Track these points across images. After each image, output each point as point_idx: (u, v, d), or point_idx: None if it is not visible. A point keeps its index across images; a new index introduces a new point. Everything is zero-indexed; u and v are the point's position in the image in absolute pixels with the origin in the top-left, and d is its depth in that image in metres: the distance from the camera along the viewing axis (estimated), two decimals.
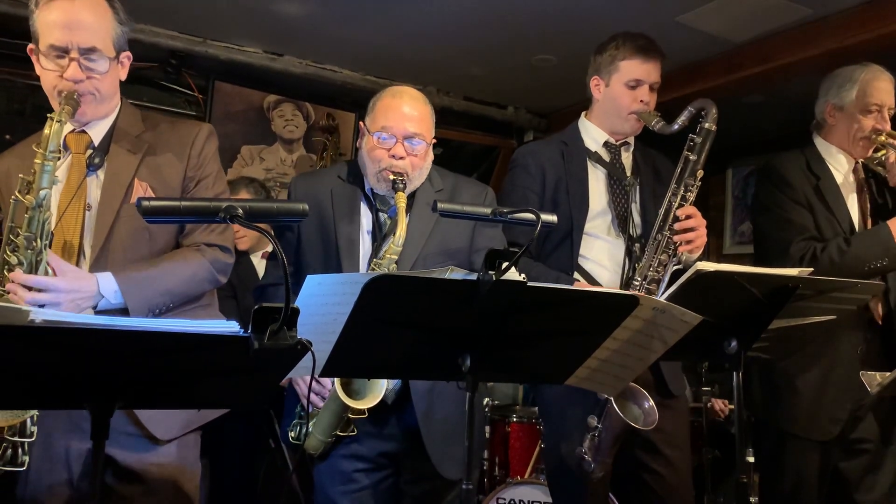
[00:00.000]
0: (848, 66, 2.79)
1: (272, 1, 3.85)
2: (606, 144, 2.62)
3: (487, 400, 3.98)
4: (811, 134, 2.87)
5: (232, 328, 1.22)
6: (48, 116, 1.80)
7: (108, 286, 1.84)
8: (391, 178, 2.14)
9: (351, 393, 2.06)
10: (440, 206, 1.77)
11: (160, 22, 4.10)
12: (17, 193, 1.79)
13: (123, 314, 1.85)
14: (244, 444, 3.64)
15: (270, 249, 3.32)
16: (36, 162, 1.77)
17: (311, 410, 2.18)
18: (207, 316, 2.08)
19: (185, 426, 1.98)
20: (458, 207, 1.82)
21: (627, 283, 2.45)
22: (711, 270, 1.71)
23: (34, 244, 1.77)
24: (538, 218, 1.64)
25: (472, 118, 5.26)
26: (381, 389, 2.07)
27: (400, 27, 4.06)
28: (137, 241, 1.95)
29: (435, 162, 2.37)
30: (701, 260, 2.38)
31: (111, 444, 1.44)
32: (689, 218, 2.39)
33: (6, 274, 1.78)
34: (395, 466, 2.27)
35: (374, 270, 2.12)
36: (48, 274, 1.79)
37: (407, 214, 2.21)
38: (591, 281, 2.48)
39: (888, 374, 2.23)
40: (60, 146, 1.80)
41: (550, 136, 2.83)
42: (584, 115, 2.70)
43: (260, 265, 3.78)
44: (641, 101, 2.54)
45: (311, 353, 1.26)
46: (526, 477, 3.60)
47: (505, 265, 1.39)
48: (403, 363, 1.63)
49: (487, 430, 3.86)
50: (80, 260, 1.90)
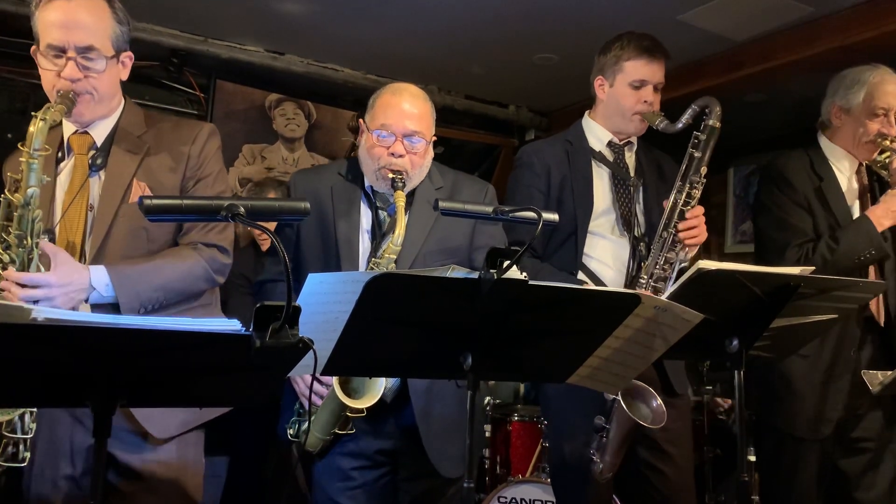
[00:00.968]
0: (856, 66, 2.77)
1: (274, 0, 3.85)
2: (610, 144, 2.62)
3: (489, 399, 3.99)
4: (816, 133, 2.86)
5: (234, 326, 1.22)
6: (32, 114, 1.80)
7: (99, 279, 1.85)
8: (390, 176, 2.13)
9: (350, 392, 2.06)
10: (441, 204, 1.77)
11: (162, 20, 4.10)
12: (6, 192, 1.81)
13: (116, 308, 1.86)
14: (262, 438, 3.63)
15: None
16: (21, 160, 1.78)
17: (309, 409, 2.18)
18: (207, 315, 2.08)
19: (182, 425, 1.99)
20: (459, 206, 1.81)
21: (632, 282, 2.46)
22: (713, 269, 1.71)
23: (25, 242, 1.78)
24: (539, 216, 1.64)
25: (473, 117, 5.26)
26: (379, 388, 2.07)
27: (401, 26, 4.06)
28: (135, 240, 1.96)
29: (435, 160, 2.36)
30: (700, 257, 2.39)
31: (111, 442, 1.44)
32: (695, 217, 2.41)
33: (0, 272, 1.78)
34: (393, 464, 2.27)
35: (372, 269, 2.12)
36: (40, 270, 1.80)
37: (406, 212, 2.21)
38: (595, 280, 2.48)
39: (889, 372, 2.24)
40: (45, 144, 1.80)
41: (554, 135, 2.83)
42: (587, 114, 2.70)
43: None
44: (645, 101, 2.54)
45: (312, 351, 1.26)
46: (527, 475, 3.61)
47: (506, 263, 1.39)
48: (405, 361, 1.63)
49: (489, 428, 3.87)
50: (81, 260, 1.90)
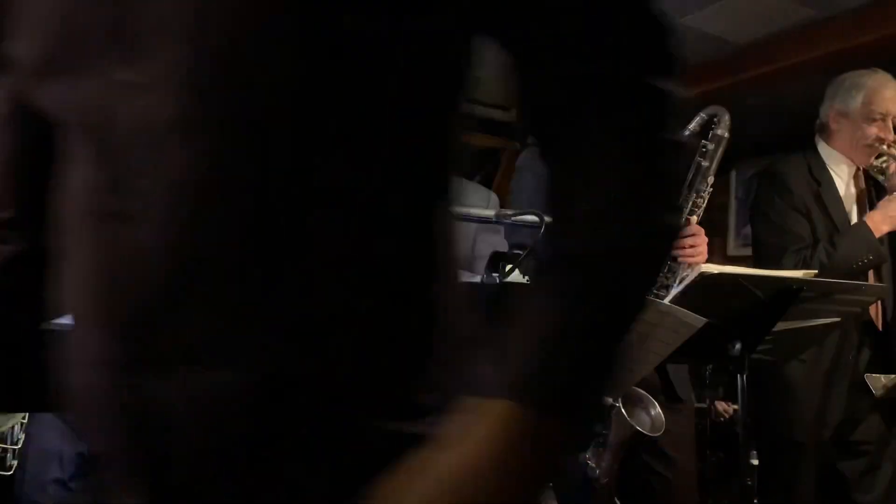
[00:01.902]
0: (855, 70, 2.77)
1: None
2: None
3: None
4: (814, 136, 2.86)
5: None
6: None
7: None
8: None
9: None
10: None
11: None
12: None
13: None
14: None
15: None
16: None
17: None
18: None
19: None
20: (461, 210, 1.81)
21: None
22: (715, 272, 1.71)
23: None
24: (542, 220, 1.64)
25: (474, 120, 5.25)
26: None
27: None
28: None
29: None
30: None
31: None
32: (693, 236, 2.38)
33: None
34: None
35: None
36: None
37: None
38: None
39: (893, 376, 2.24)
40: None
41: None
42: None
43: None
44: None
45: None
46: None
47: (509, 268, 1.39)
48: None
49: None
50: None
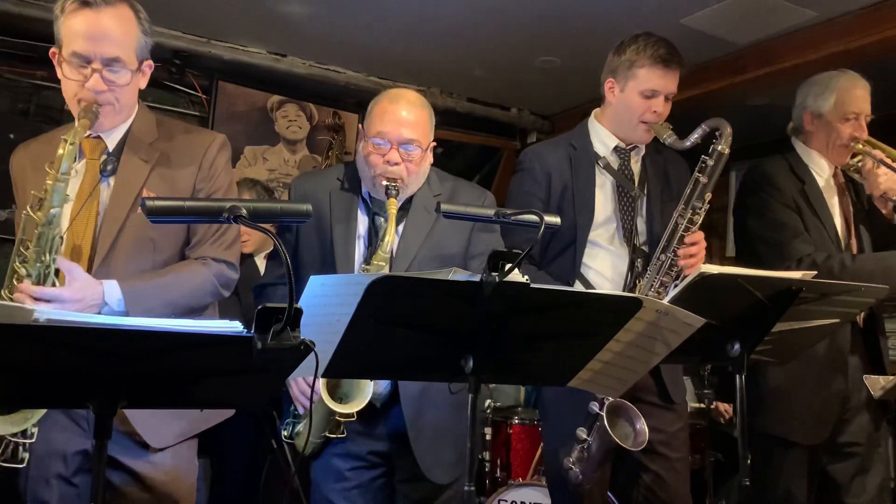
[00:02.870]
0: (824, 73, 2.80)
1: (276, 1, 3.85)
2: (616, 149, 2.55)
3: (489, 402, 3.98)
4: (790, 138, 2.88)
5: (235, 328, 1.22)
6: (62, 138, 1.80)
7: (112, 294, 1.85)
8: (384, 184, 2.13)
9: (339, 397, 2.08)
10: (443, 206, 1.77)
11: (164, 22, 4.11)
12: (28, 209, 1.80)
13: None
14: (246, 444, 3.64)
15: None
16: (48, 182, 1.79)
17: (302, 412, 2.20)
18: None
19: (179, 436, 2.00)
20: (461, 209, 1.82)
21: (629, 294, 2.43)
22: (715, 273, 1.71)
23: (43, 258, 1.80)
24: (541, 219, 1.64)
25: (475, 119, 5.26)
26: (367, 394, 2.08)
27: (404, 28, 4.06)
28: (141, 250, 1.96)
29: (436, 163, 2.36)
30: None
31: (109, 445, 1.44)
32: (694, 245, 2.37)
33: (15, 284, 1.80)
34: (388, 465, 2.27)
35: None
36: (55, 284, 1.81)
37: (404, 219, 2.23)
38: (591, 290, 2.46)
39: (891, 377, 2.24)
40: (72, 167, 1.81)
41: (558, 136, 2.78)
42: (594, 114, 2.63)
43: (263, 266, 3.79)
44: (654, 111, 2.46)
45: (314, 353, 1.26)
46: (527, 479, 3.60)
47: (508, 266, 1.39)
48: (406, 364, 1.63)
49: (489, 431, 3.86)
50: (90, 263, 1.91)
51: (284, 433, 2.25)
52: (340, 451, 2.23)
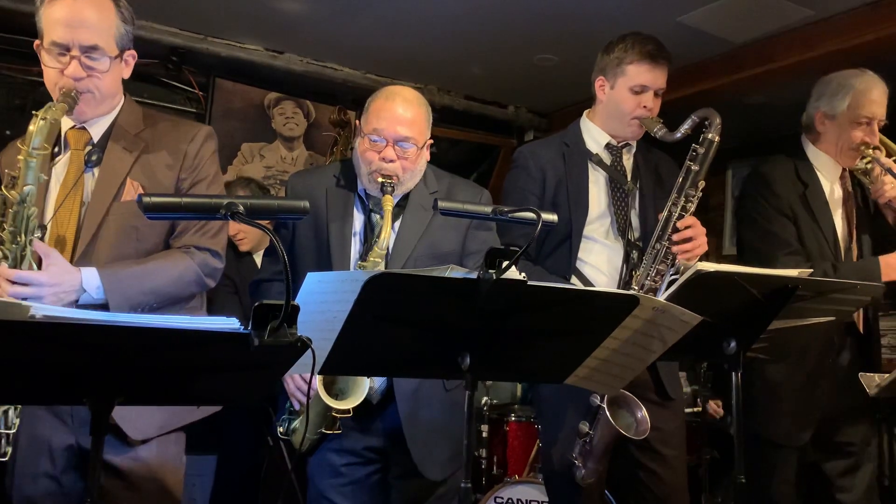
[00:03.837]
0: (843, 71, 2.75)
1: None
2: (608, 146, 2.59)
3: (486, 399, 3.99)
4: (801, 136, 2.85)
5: (232, 325, 1.22)
6: (33, 113, 1.81)
7: (91, 281, 1.84)
8: (380, 180, 2.14)
9: (335, 393, 2.08)
10: (441, 203, 1.77)
11: (161, 18, 4.10)
12: (2, 188, 1.81)
13: (105, 309, 1.83)
14: (249, 439, 3.64)
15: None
16: (20, 158, 1.79)
17: (297, 408, 2.20)
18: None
19: (160, 428, 1.99)
20: (458, 206, 1.81)
21: (624, 288, 2.44)
22: (711, 270, 1.71)
23: (18, 239, 1.78)
24: (539, 217, 1.64)
25: (472, 117, 5.26)
26: (363, 390, 2.08)
27: (402, 26, 4.06)
28: (125, 239, 1.96)
29: (433, 161, 2.36)
30: (700, 261, 2.38)
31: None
32: (688, 228, 2.38)
33: None
34: (383, 461, 2.28)
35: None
36: (32, 267, 1.80)
37: (400, 216, 2.24)
38: (588, 285, 2.47)
39: (886, 375, 2.24)
40: (45, 142, 1.80)
41: (551, 135, 2.81)
42: (586, 114, 2.68)
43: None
44: (645, 106, 2.50)
45: (311, 350, 1.26)
46: (524, 476, 3.61)
47: (505, 264, 1.39)
48: (403, 361, 1.63)
49: (486, 428, 3.86)
50: (71, 256, 1.90)
51: (280, 430, 2.25)
52: (336, 446, 2.23)
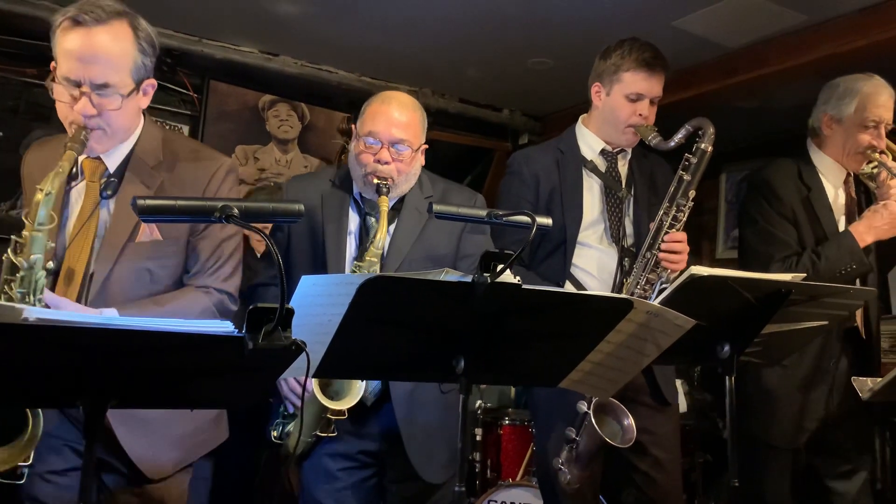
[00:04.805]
0: (850, 75, 2.76)
1: (269, 1, 3.84)
2: (603, 152, 2.60)
3: (480, 402, 3.99)
4: (806, 139, 2.85)
5: (226, 328, 1.22)
6: (38, 188, 1.71)
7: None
8: (375, 182, 2.16)
9: (330, 394, 2.07)
10: (435, 207, 1.78)
11: (155, 20, 4.03)
12: (9, 252, 1.74)
13: None
14: (245, 444, 3.63)
15: None
16: (24, 234, 1.72)
17: (291, 411, 2.20)
18: None
19: (177, 464, 1.97)
20: (453, 209, 1.82)
21: (618, 293, 2.45)
22: (705, 274, 1.72)
23: (28, 299, 1.73)
24: (534, 220, 1.65)
25: (467, 120, 5.26)
26: (358, 391, 2.08)
27: (396, 29, 4.06)
28: (138, 281, 1.91)
29: (427, 164, 2.38)
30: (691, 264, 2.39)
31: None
32: (676, 242, 2.39)
33: None
34: (379, 465, 2.28)
35: (354, 273, 2.15)
36: None
37: (395, 219, 2.25)
38: (581, 290, 2.48)
39: (878, 379, 2.25)
40: (49, 217, 1.72)
41: (547, 140, 2.81)
42: (581, 119, 2.68)
43: None
44: (640, 114, 2.51)
45: (305, 353, 1.26)
46: (518, 479, 3.60)
47: (500, 267, 1.39)
48: (397, 364, 1.63)
49: (480, 432, 3.86)
50: (83, 288, 1.86)
51: (274, 433, 2.24)
52: (331, 451, 2.23)
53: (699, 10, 3.65)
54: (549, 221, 1.75)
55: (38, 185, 1.74)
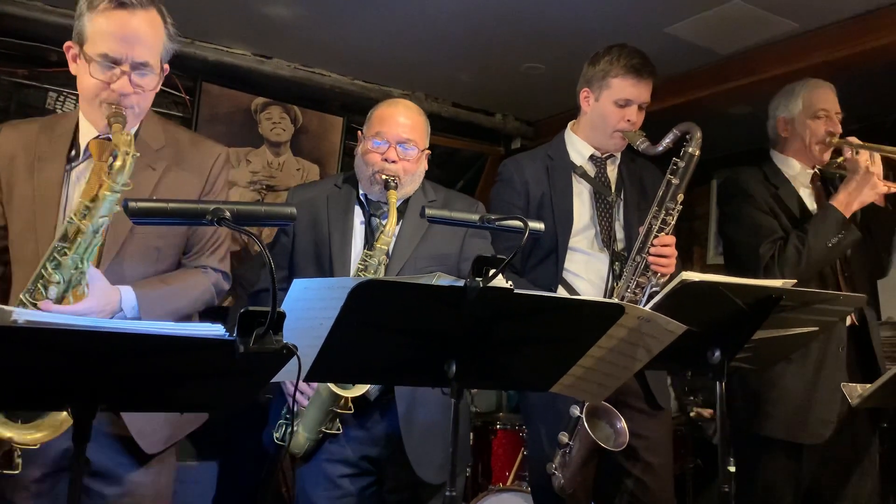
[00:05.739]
0: (809, 82, 2.87)
1: (261, 3, 3.84)
2: (592, 158, 2.62)
3: (472, 407, 3.98)
4: (769, 151, 2.93)
5: (217, 331, 1.21)
6: (125, 150, 1.75)
7: (128, 301, 1.87)
8: (383, 178, 2.22)
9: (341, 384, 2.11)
10: (428, 211, 1.78)
11: None
12: (73, 216, 1.76)
13: None
14: (249, 446, 3.62)
15: None
16: (103, 192, 1.75)
17: (296, 410, 2.19)
18: None
19: (168, 440, 2.01)
20: (445, 213, 1.82)
21: (609, 297, 2.45)
22: (696, 280, 1.72)
23: (79, 265, 1.76)
24: (526, 225, 1.65)
25: (459, 124, 5.26)
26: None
27: (390, 32, 4.06)
28: (147, 258, 1.98)
29: (428, 178, 2.44)
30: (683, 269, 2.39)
31: (93, 449, 1.43)
32: (665, 246, 2.40)
33: (39, 288, 1.75)
34: (378, 474, 2.27)
35: (364, 261, 2.20)
36: (85, 291, 1.79)
37: (399, 220, 2.27)
38: (573, 295, 2.48)
39: (868, 385, 2.25)
40: (128, 179, 1.77)
41: (537, 147, 2.84)
42: (570, 126, 2.71)
43: None
44: (628, 120, 2.54)
45: (296, 357, 1.26)
46: (508, 484, 3.61)
47: (492, 272, 1.39)
48: (389, 368, 1.62)
49: (471, 436, 3.86)
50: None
51: (276, 435, 2.24)
52: (331, 456, 2.23)
53: (691, 16, 3.66)
54: (541, 226, 1.76)
55: (102, 175, 1.76)
